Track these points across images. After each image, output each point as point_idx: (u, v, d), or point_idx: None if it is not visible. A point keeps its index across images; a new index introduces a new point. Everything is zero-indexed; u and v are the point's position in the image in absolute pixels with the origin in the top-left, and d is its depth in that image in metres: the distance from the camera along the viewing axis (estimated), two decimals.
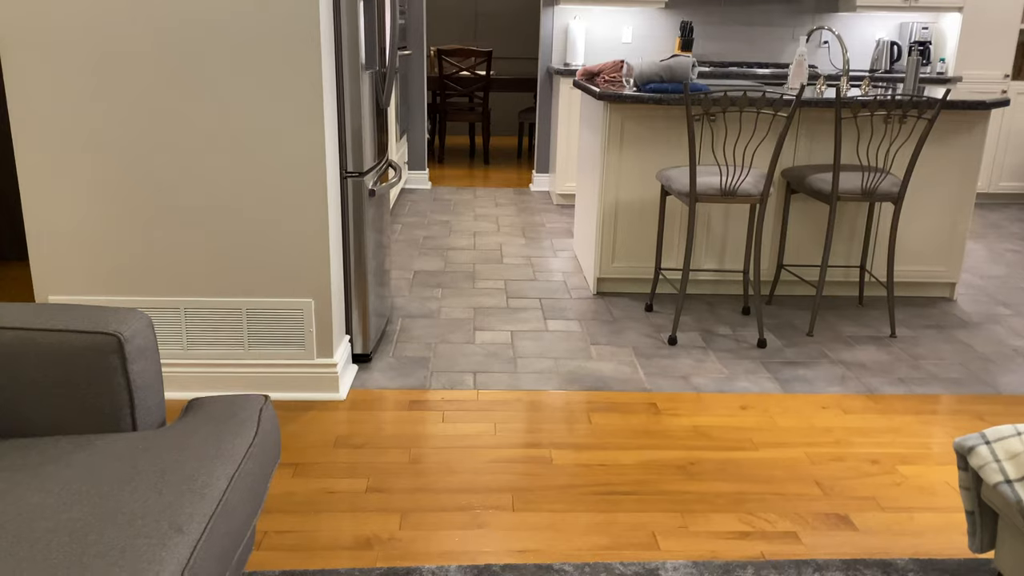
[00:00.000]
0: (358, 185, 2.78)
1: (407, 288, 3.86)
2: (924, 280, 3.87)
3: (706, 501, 2.17)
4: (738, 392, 2.84)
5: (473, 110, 7.39)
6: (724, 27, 6.02)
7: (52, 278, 2.54)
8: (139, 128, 2.42)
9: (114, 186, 2.47)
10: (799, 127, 3.66)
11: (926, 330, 3.48)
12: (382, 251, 3.15)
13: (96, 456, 1.33)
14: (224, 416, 1.46)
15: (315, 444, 2.40)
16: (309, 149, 2.47)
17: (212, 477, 1.28)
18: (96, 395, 1.43)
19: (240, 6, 2.34)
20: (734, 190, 3.12)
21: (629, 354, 3.14)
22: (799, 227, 3.79)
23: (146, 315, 1.51)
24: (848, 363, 3.11)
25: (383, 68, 3.01)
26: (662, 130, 3.63)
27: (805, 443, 2.49)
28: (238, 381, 2.65)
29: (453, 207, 5.65)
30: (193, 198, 2.49)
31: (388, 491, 2.17)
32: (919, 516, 2.12)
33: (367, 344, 2.95)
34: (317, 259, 2.57)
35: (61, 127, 2.41)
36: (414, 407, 2.66)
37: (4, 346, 1.40)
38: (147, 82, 2.38)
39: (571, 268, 4.24)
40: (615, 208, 3.72)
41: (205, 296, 2.57)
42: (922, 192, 3.75)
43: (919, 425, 2.63)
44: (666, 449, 2.44)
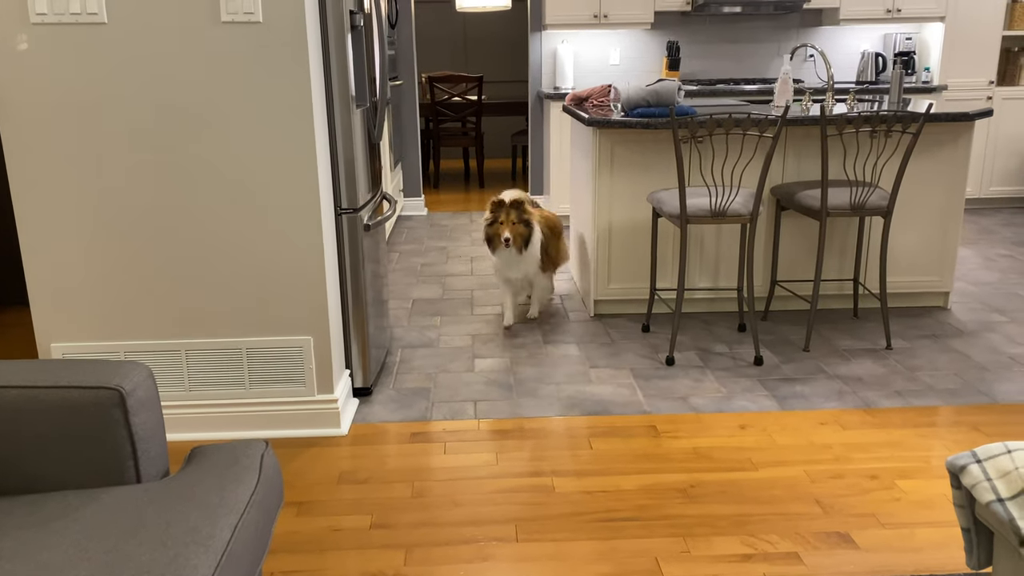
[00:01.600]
0: (353, 221, 2.82)
1: (406, 317, 3.89)
2: (917, 290, 3.90)
3: (708, 524, 2.19)
4: (736, 411, 2.86)
5: (466, 135, 7.46)
6: (710, 45, 6.09)
7: (53, 325, 2.57)
8: (134, 173, 2.46)
9: (111, 231, 2.50)
10: (786, 145, 3.71)
11: (921, 340, 3.51)
12: (379, 281, 3.18)
13: (102, 510, 1.35)
14: (226, 464, 1.49)
15: (318, 481, 2.42)
16: (303, 188, 2.51)
17: (216, 528, 1.30)
18: (100, 449, 1.45)
19: (230, 49, 2.38)
20: (724, 211, 3.15)
21: (628, 376, 3.17)
22: (791, 243, 3.82)
23: (146, 367, 1.54)
24: (845, 377, 3.13)
25: (374, 100, 3.06)
26: (651, 153, 3.68)
27: (804, 461, 2.51)
28: (240, 420, 2.67)
29: (450, 232, 5.69)
30: (190, 241, 2.53)
31: (393, 527, 2.19)
32: (919, 532, 2.14)
33: (367, 377, 2.98)
34: (314, 297, 2.60)
35: (57, 173, 2.45)
36: (416, 439, 2.68)
37: (8, 404, 1.42)
38: (139, 130, 2.42)
39: (569, 291, 4.27)
40: (609, 231, 3.76)
41: (205, 337, 2.60)
42: (911, 203, 3.79)
43: (917, 438, 2.65)
44: (667, 472, 2.46)
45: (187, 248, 2.53)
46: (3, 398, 1.42)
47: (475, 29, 9.22)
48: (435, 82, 7.10)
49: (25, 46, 2.34)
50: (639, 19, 5.66)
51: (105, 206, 2.48)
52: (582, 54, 6.03)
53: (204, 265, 2.55)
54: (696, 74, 6.14)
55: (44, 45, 2.35)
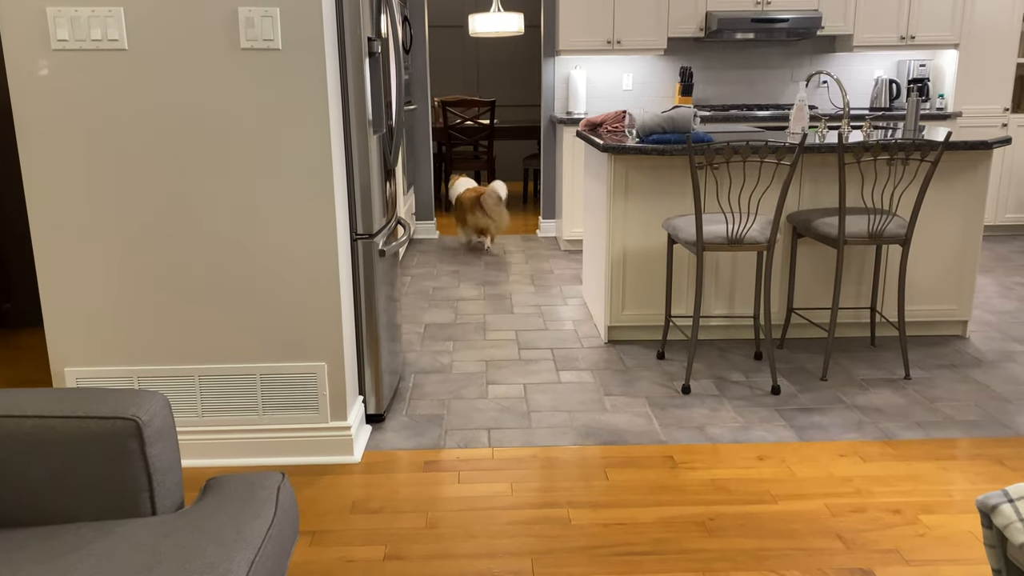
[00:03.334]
0: (368, 247, 2.81)
1: (418, 342, 3.87)
2: (935, 319, 3.86)
3: (727, 559, 2.14)
4: (754, 442, 2.82)
5: (478, 158, 7.47)
6: (723, 71, 6.10)
7: (68, 349, 2.56)
8: (151, 199, 2.46)
9: (127, 256, 2.50)
10: (803, 171, 3.69)
11: (940, 370, 3.47)
12: (393, 306, 3.17)
13: (118, 544, 1.33)
14: (243, 497, 1.47)
15: (331, 510, 2.39)
16: (319, 215, 2.50)
17: (233, 563, 1.28)
18: (116, 480, 1.43)
19: (249, 76, 2.39)
20: (741, 238, 3.13)
21: (643, 405, 3.13)
22: (807, 271, 3.79)
23: (163, 396, 1.52)
24: (863, 408, 3.09)
25: (390, 125, 3.06)
26: (666, 179, 3.66)
27: (824, 494, 2.47)
28: (253, 447, 2.65)
29: (462, 256, 5.68)
30: (205, 267, 2.52)
31: (406, 558, 2.16)
32: (945, 569, 2.09)
33: (380, 404, 2.95)
34: (329, 323, 2.59)
35: (75, 198, 2.45)
36: (429, 468, 2.65)
37: (24, 435, 1.41)
38: (158, 157, 2.43)
39: (581, 316, 4.25)
40: (623, 257, 3.74)
41: (219, 363, 2.59)
42: (929, 231, 3.76)
43: (939, 471, 2.60)
44: (684, 505, 2.42)
45: (202, 273, 2.53)
46: (19, 428, 1.40)
47: (488, 54, 9.28)
48: (448, 106, 7.13)
49: (46, 72, 2.35)
50: (652, 45, 5.68)
51: (121, 231, 2.48)
52: (595, 79, 6.05)
53: (219, 290, 2.54)
54: (709, 100, 6.15)
55: (65, 71, 2.36)
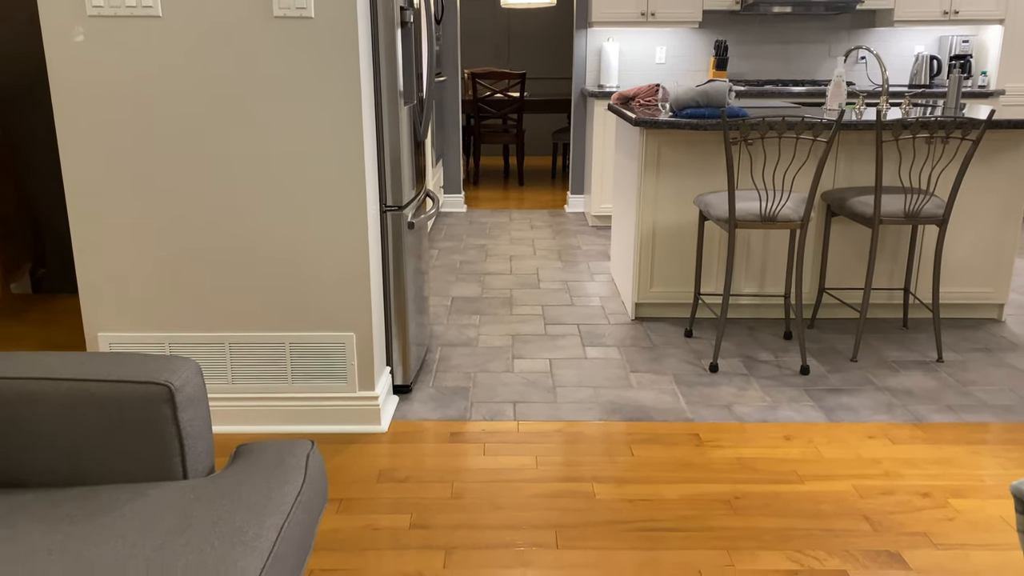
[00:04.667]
0: (397, 219, 2.81)
1: (445, 315, 3.88)
2: (971, 301, 3.79)
3: (752, 537, 2.14)
4: (782, 421, 2.80)
5: (507, 131, 7.43)
6: (759, 45, 5.99)
7: (101, 315, 2.59)
8: (183, 168, 2.47)
9: (160, 224, 2.52)
10: (839, 149, 3.62)
11: (974, 354, 3.41)
12: (420, 278, 3.17)
13: (149, 506, 1.35)
14: (272, 463, 1.48)
15: (359, 479, 2.41)
16: (350, 185, 2.50)
17: (263, 528, 1.29)
18: (148, 444, 1.45)
19: (281, 44, 2.38)
20: (774, 215, 3.09)
21: (670, 382, 3.12)
22: (841, 250, 3.74)
23: (195, 363, 1.53)
24: (894, 390, 3.05)
25: (420, 97, 3.04)
26: (699, 155, 3.62)
27: (852, 475, 2.45)
28: (282, 415, 2.68)
29: (489, 230, 5.67)
30: (237, 236, 2.54)
31: (431, 527, 2.18)
32: (974, 554, 2.07)
33: (407, 375, 2.97)
34: (358, 294, 2.60)
35: (109, 165, 2.47)
36: (455, 439, 2.66)
37: (61, 397, 1.43)
38: (190, 124, 2.44)
39: (609, 292, 4.23)
40: (652, 233, 3.71)
41: (249, 331, 2.61)
42: (967, 211, 3.68)
43: (970, 456, 2.57)
44: (710, 483, 2.41)
45: (233, 242, 2.54)
46: (55, 391, 1.42)
47: (519, 25, 9.19)
48: (478, 78, 7.09)
49: (81, 38, 2.36)
50: (687, 18, 5.59)
51: (154, 199, 2.50)
52: (627, 52, 5.97)
53: (249, 259, 2.56)
54: (744, 74, 6.04)
55: (99, 37, 2.37)
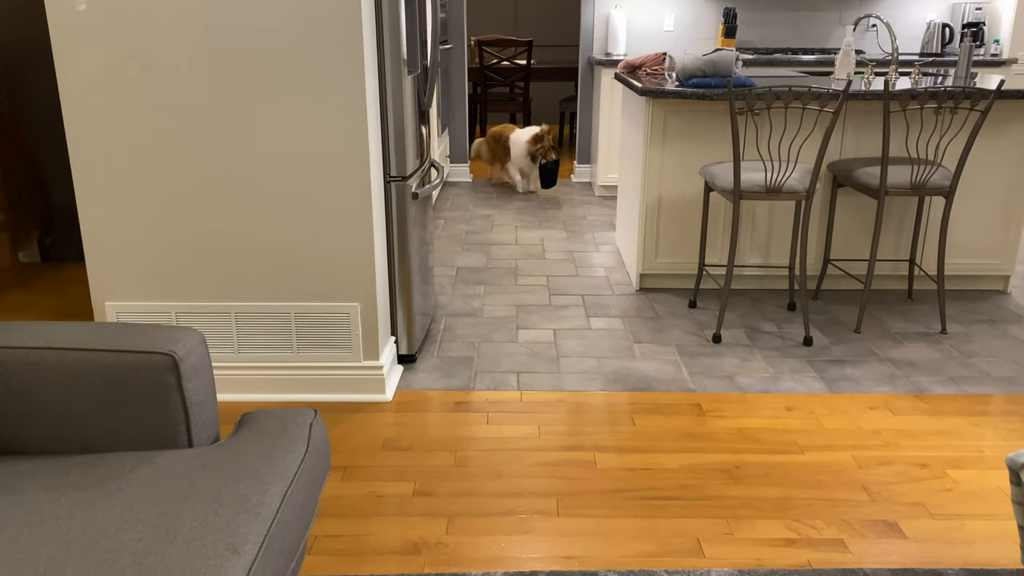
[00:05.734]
0: (401, 189, 2.81)
1: (450, 285, 3.89)
2: (976, 273, 3.78)
3: (751, 507, 2.16)
4: (784, 392, 2.82)
5: (514, 100, 7.38)
6: (768, 13, 5.91)
7: (108, 284, 2.62)
8: (187, 138, 2.48)
9: (165, 193, 2.53)
10: (846, 119, 3.59)
11: (978, 325, 3.41)
12: (425, 249, 3.18)
13: (155, 473, 1.38)
14: (276, 432, 1.50)
15: (363, 447, 2.45)
16: (353, 156, 2.50)
17: (266, 496, 1.32)
18: (153, 413, 1.48)
19: (283, 14, 2.37)
20: (779, 187, 3.08)
21: (673, 353, 3.13)
22: (846, 221, 3.72)
23: (199, 333, 1.55)
24: (897, 361, 3.06)
25: (424, 65, 3.02)
26: (705, 125, 3.59)
27: (852, 446, 2.47)
28: (287, 384, 2.71)
29: (494, 201, 5.66)
30: (241, 205, 2.54)
31: (435, 495, 2.21)
32: (970, 524, 2.09)
33: (412, 345, 2.99)
34: (362, 264, 2.61)
35: (112, 139, 2.47)
36: (459, 408, 2.69)
37: (67, 367, 1.45)
38: (194, 92, 2.43)
39: (613, 263, 4.23)
40: (658, 203, 3.70)
41: (255, 301, 2.63)
42: (974, 183, 3.66)
43: (970, 427, 2.58)
44: (711, 452, 2.43)
45: (238, 212, 2.55)
46: (62, 360, 1.44)
47: None
48: (484, 46, 7.02)
49: (84, 7, 2.35)
50: None
51: (159, 169, 2.50)
52: (635, 20, 5.90)
53: (254, 229, 2.57)
54: (752, 43, 5.97)
55: (101, 6, 2.35)
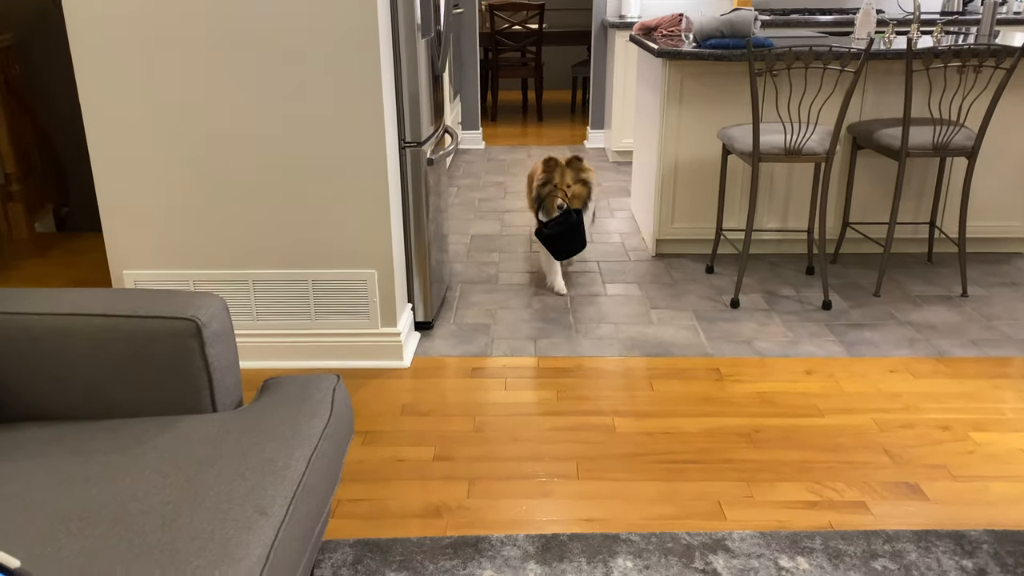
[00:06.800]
0: (416, 155, 2.78)
1: (464, 253, 3.88)
2: (996, 236, 3.74)
3: (772, 470, 2.16)
4: (803, 356, 2.80)
5: (525, 65, 7.30)
6: None
7: (126, 253, 2.62)
8: (204, 105, 2.46)
9: (182, 162, 2.52)
10: (866, 80, 3.53)
11: (999, 288, 3.37)
12: (440, 216, 3.17)
13: (181, 438, 1.38)
14: (299, 397, 1.51)
15: (383, 412, 2.46)
16: (368, 121, 2.48)
17: (291, 459, 1.32)
18: (177, 378, 1.48)
19: None
20: (799, 149, 3.03)
21: (690, 318, 3.12)
22: (865, 183, 3.67)
23: (221, 298, 1.55)
24: (917, 324, 3.04)
25: (438, 30, 2.98)
26: (723, 87, 3.54)
27: (873, 409, 2.46)
28: (306, 350, 2.71)
29: (508, 167, 5.63)
30: (258, 172, 2.53)
31: (455, 459, 2.22)
32: (993, 486, 2.08)
33: (428, 311, 2.99)
34: (378, 231, 2.60)
35: (128, 101, 2.46)
36: (476, 374, 2.69)
37: (91, 332, 1.45)
38: (210, 59, 2.41)
39: (629, 229, 4.20)
40: (675, 167, 3.66)
41: (272, 268, 2.63)
42: (996, 143, 3.60)
43: (992, 390, 2.56)
44: (730, 416, 2.43)
45: (255, 179, 2.54)
46: (86, 326, 1.45)
47: None
48: (495, 10, 6.93)
49: None
50: None
51: (175, 136, 2.49)
52: None
53: (271, 196, 2.56)
54: (769, 3, 5.86)
55: None
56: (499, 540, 1.88)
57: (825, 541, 1.87)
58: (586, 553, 1.84)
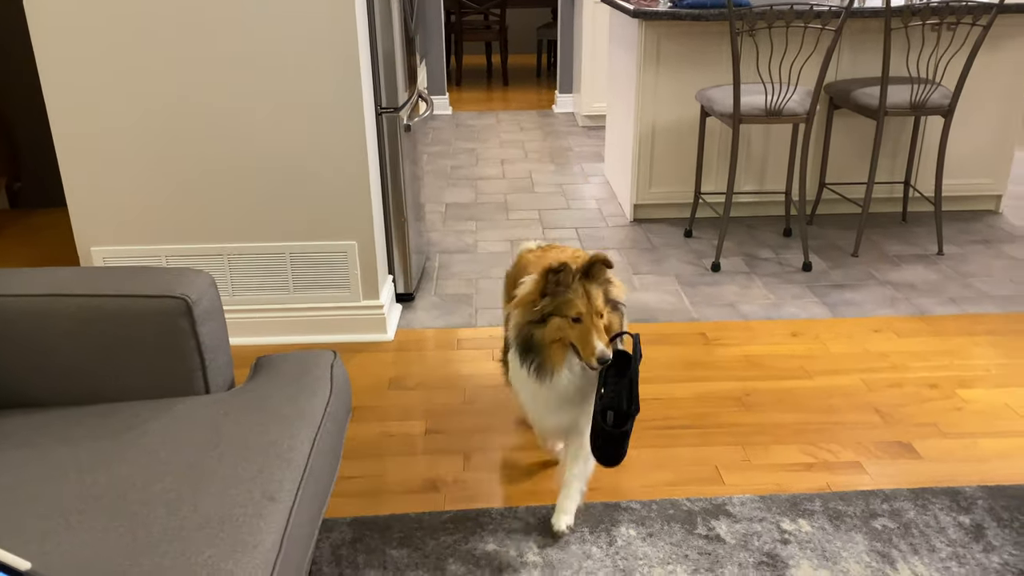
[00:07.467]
0: (393, 121, 2.70)
1: (440, 222, 3.81)
2: (969, 193, 3.77)
3: (766, 433, 2.16)
4: (787, 318, 2.80)
5: (489, 28, 7.17)
6: None
7: (93, 229, 2.50)
8: (173, 71, 2.34)
9: (150, 134, 2.40)
10: (841, 40, 3.51)
11: (973, 246, 3.41)
12: (417, 184, 3.09)
13: (176, 422, 1.32)
14: (297, 375, 1.45)
15: (369, 387, 2.40)
16: (345, 86, 2.39)
17: (296, 441, 1.27)
18: (167, 359, 1.41)
19: None
20: (779, 110, 3.01)
21: (673, 283, 3.10)
22: (842, 144, 3.67)
23: (209, 275, 1.48)
24: (896, 284, 3.06)
25: None
26: (700, 48, 3.49)
27: (860, 369, 2.47)
28: (286, 326, 2.64)
29: (477, 133, 5.54)
30: (231, 142, 2.43)
31: (447, 432, 2.18)
32: (983, 442, 2.10)
33: (409, 283, 2.92)
34: (358, 200, 2.52)
35: (91, 71, 2.33)
36: (463, 346, 2.64)
37: (73, 314, 1.37)
38: (177, 25, 2.29)
39: (605, 195, 4.16)
40: (652, 132, 3.62)
41: (248, 242, 2.54)
42: (969, 102, 3.62)
43: (974, 346, 2.59)
44: (720, 380, 2.42)
45: (228, 150, 2.44)
46: (67, 307, 1.37)
47: None
48: None
49: None
50: None
51: (143, 106, 2.37)
52: None
53: (246, 168, 2.46)
54: None
55: None
56: (499, 513, 1.85)
57: (825, 503, 1.87)
58: (588, 523, 1.82)
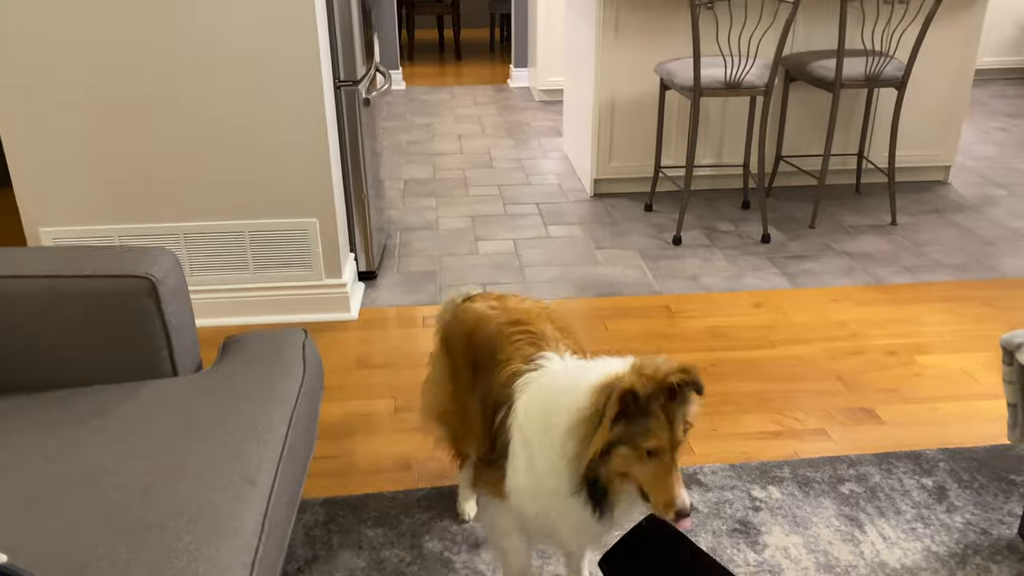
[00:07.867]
0: (352, 95, 2.64)
1: (400, 199, 3.75)
2: (919, 164, 3.85)
3: (733, 402, 2.19)
4: (748, 289, 2.84)
5: (441, 2, 7.07)
6: None
7: (41, 209, 2.41)
8: (125, 45, 2.25)
9: (99, 109, 2.31)
10: (798, 12, 3.53)
11: (925, 216, 3.49)
12: (376, 160, 3.04)
13: (145, 405, 1.28)
14: (268, 355, 1.41)
15: (336, 367, 2.36)
16: (303, 59, 2.32)
17: (271, 422, 1.24)
18: (133, 340, 1.36)
19: None
20: (739, 82, 3.02)
21: (635, 257, 3.11)
22: (797, 116, 3.71)
23: (173, 253, 1.43)
24: (853, 254, 3.11)
25: None
26: (659, 20, 3.48)
27: (822, 338, 2.51)
28: (247, 306, 2.58)
29: (432, 108, 5.47)
30: (186, 118, 2.35)
31: (416, 410, 2.16)
32: (942, 406, 2.16)
33: (371, 261, 2.88)
34: (318, 176, 2.46)
35: (34, 50, 2.22)
36: (428, 323, 2.62)
37: (33, 296, 1.31)
38: None
39: (564, 170, 4.15)
40: (611, 105, 3.61)
41: (205, 220, 2.47)
42: (919, 74, 3.68)
43: (930, 314, 2.66)
44: (685, 352, 2.44)
45: (183, 125, 2.36)
46: (28, 288, 1.31)
47: None
48: None
49: None
50: None
51: (92, 80, 2.28)
52: None
53: (202, 143, 2.38)
54: None
55: None
56: None
57: (793, 469, 1.91)
58: None
